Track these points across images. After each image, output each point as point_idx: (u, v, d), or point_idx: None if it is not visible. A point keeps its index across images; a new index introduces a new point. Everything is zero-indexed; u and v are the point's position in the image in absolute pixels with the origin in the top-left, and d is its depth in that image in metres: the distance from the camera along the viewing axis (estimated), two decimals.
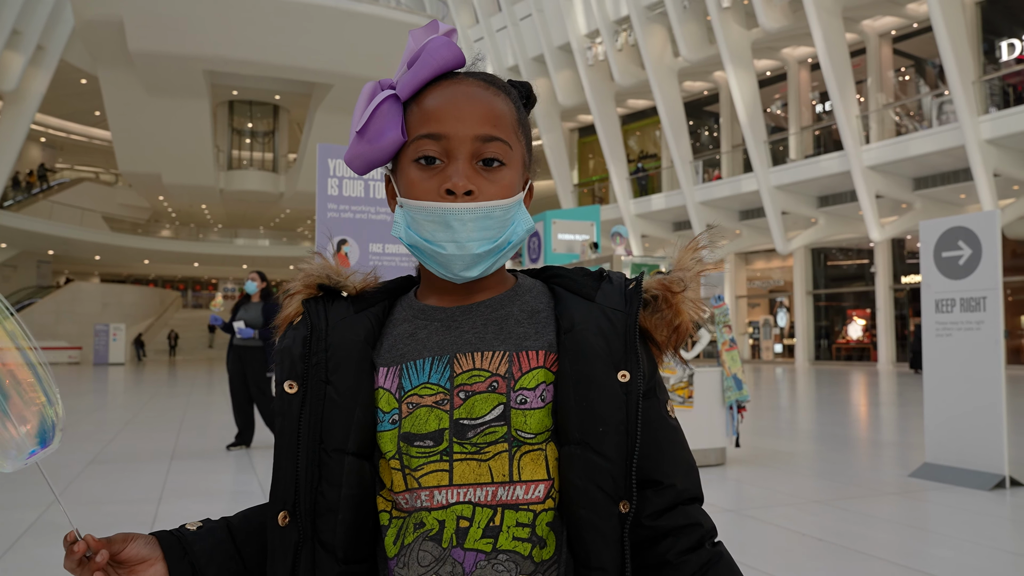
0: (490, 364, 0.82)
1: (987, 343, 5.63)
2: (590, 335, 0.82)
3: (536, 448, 0.80)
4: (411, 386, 0.83)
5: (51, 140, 39.50)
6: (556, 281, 0.90)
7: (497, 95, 0.85)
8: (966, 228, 5.86)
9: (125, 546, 0.83)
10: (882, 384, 16.41)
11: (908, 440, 7.90)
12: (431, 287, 0.89)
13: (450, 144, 0.81)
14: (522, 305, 0.87)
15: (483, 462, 0.80)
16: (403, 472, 0.81)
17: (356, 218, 3.42)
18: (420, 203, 0.81)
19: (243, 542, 0.90)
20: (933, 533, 4.43)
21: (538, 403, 0.81)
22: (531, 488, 0.80)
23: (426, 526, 0.80)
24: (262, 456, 7.00)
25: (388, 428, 0.83)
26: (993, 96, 18.63)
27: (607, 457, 0.79)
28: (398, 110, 0.84)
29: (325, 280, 0.91)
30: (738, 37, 22.09)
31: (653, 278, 0.87)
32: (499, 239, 0.82)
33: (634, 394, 0.81)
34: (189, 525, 0.90)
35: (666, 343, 0.87)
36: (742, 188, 23.04)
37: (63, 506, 0.84)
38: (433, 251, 0.81)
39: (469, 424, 0.80)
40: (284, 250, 41.30)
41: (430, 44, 0.83)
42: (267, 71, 26.50)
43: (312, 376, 0.84)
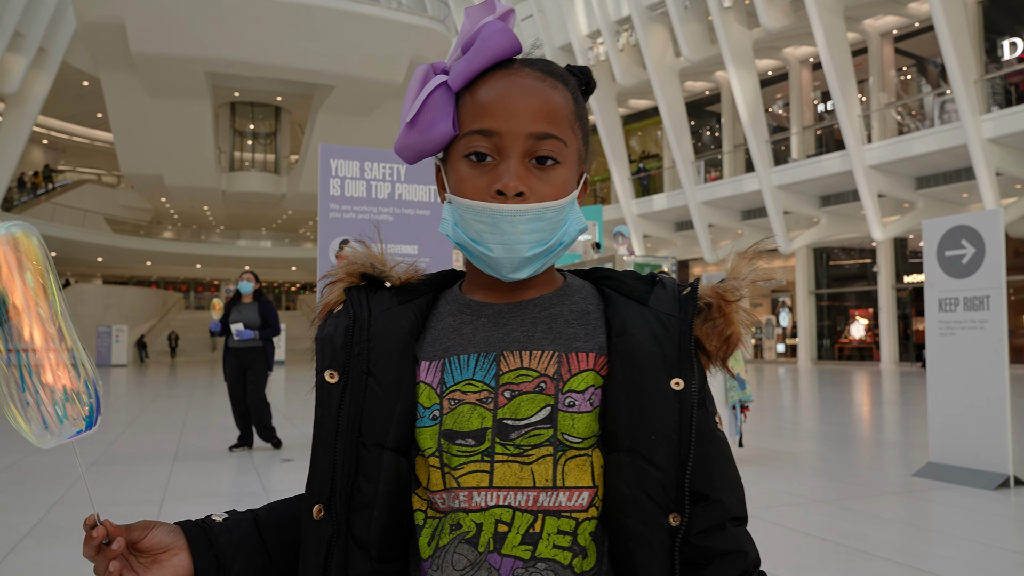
0: (538, 364, 0.80)
1: (991, 342, 5.62)
2: (643, 340, 0.79)
3: (582, 454, 0.78)
4: (453, 381, 0.81)
5: (53, 142, 39.57)
6: (606, 283, 0.87)
7: (554, 87, 0.81)
8: (969, 227, 5.84)
9: (146, 533, 0.80)
10: (885, 383, 16.38)
11: (912, 439, 7.88)
12: (478, 282, 0.86)
13: (502, 142, 0.77)
14: (572, 305, 0.85)
15: (526, 465, 0.77)
16: (442, 470, 0.79)
17: (358, 218, 3.41)
18: (469, 202, 0.78)
19: (270, 536, 0.87)
20: (937, 533, 4.41)
21: (587, 407, 0.78)
22: (575, 495, 0.77)
23: (463, 528, 0.77)
24: (264, 458, 7.00)
25: (428, 424, 0.80)
26: (995, 95, 18.61)
27: (658, 466, 0.76)
28: (450, 100, 0.80)
29: (369, 269, 0.89)
30: (739, 37, 22.08)
31: (708, 285, 0.85)
32: (550, 240, 0.79)
33: (688, 403, 0.78)
34: (215, 516, 0.87)
35: (715, 353, 0.84)
36: (744, 188, 23.02)
37: (88, 487, 0.82)
38: (480, 252, 0.78)
39: (513, 424, 0.78)
40: (286, 251, 41.36)
41: (485, 30, 0.79)
42: (268, 72, 26.52)
43: (353, 366, 0.82)
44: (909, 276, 23.19)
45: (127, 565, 0.78)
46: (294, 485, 5.74)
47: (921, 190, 20.01)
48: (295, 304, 47.35)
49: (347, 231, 3.40)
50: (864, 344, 25.31)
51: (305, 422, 9.49)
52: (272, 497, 5.27)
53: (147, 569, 0.79)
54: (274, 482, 5.88)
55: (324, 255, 3.36)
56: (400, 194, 3.48)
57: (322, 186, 3.37)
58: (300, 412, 10.76)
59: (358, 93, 27.20)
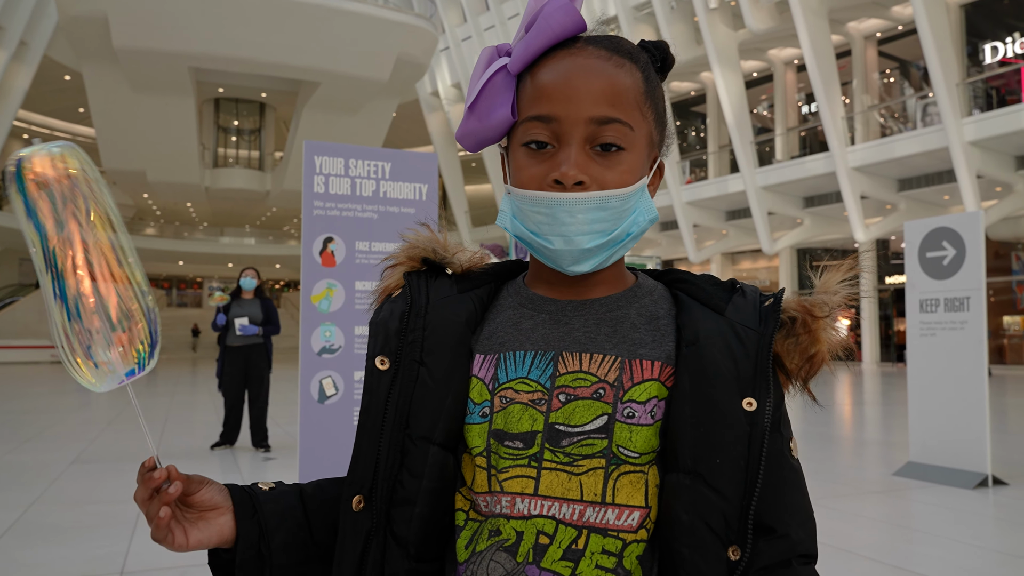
0: (599, 369, 0.74)
1: (971, 343, 5.68)
2: (716, 352, 0.73)
3: (637, 470, 0.72)
4: (507, 378, 0.76)
5: (34, 137, 39.11)
6: (680, 286, 0.81)
7: (620, 66, 0.75)
8: (950, 229, 5.90)
9: (201, 487, 0.78)
10: (866, 383, 16.53)
11: (892, 439, 7.95)
12: (541, 275, 0.81)
13: (561, 128, 0.72)
14: (640, 308, 0.79)
15: (575, 476, 0.72)
16: (488, 472, 0.74)
17: (342, 215, 3.39)
18: (526, 192, 0.73)
19: (313, 512, 0.84)
20: (917, 531, 4.46)
21: (647, 420, 0.72)
22: (625, 514, 0.71)
23: (502, 535, 0.73)
24: (247, 456, 6.95)
25: (478, 421, 0.76)
26: (977, 98, 18.81)
27: (721, 493, 0.70)
28: (510, 85, 0.76)
29: (430, 254, 0.84)
30: (725, 38, 22.19)
31: (793, 298, 0.77)
32: (614, 231, 0.73)
33: (760, 426, 0.72)
34: (262, 484, 0.84)
35: (796, 372, 0.77)
36: (729, 188, 23.14)
37: (145, 429, 0.80)
38: (540, 244, 0.74)
39: (565, 431, 0.72)
40: (270, 249, 41.13)
41: (547, 7, 0.74)
42: (253, 68, 26.33)
43: (406, 354, 0.78)
44: (891, 277, 23.41)
45: (175, 517, 0.77)
46: None
47: (903, 192, 20.20)
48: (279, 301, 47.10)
49: (331, 229, 3.38)
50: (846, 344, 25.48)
51: (289, 421, 9.44)
52: None
53: (193, 524, 0.77)
54: (255, 479, 5.83)
55: (308, 253, 3.34)
56: (385, 191, 3.46)
57: (306, 183, 3.35)
58: (282, 410, 10.70)
59: (344, 90, 27.08)
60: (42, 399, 12.87)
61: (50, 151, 0.75)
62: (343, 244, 3.38)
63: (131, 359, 0.77)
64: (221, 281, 46.91)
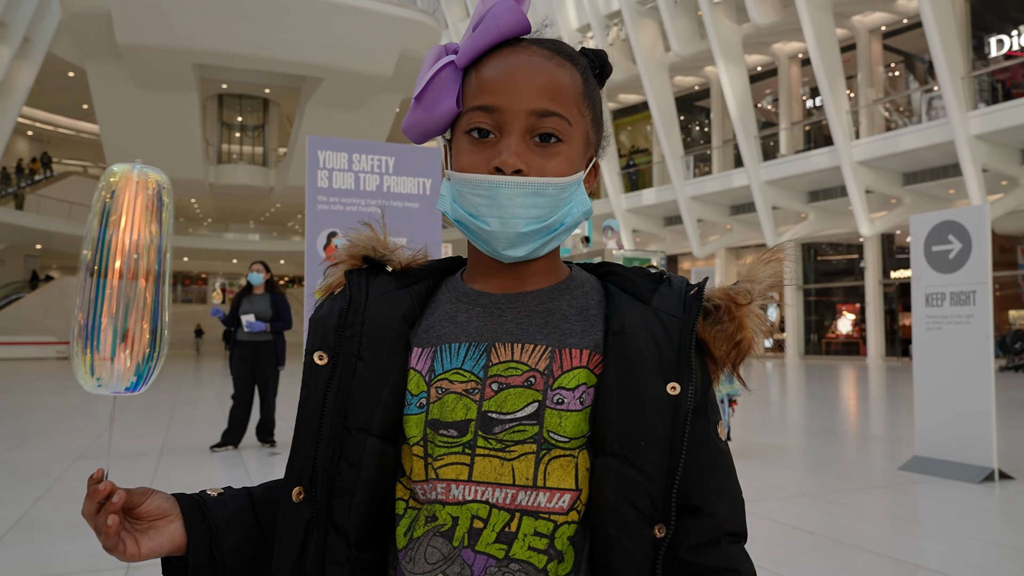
0: (530, 358, 0.77)
1: (977, 337, 5.66)
2: (641, 340, 0.76)
3: (567, 454, 0.75)
4: (442, 370, 0.79)
5: (38, 133, 39.17)
6: (611, 279, 0.84)
7: (561, 65, 0.78)
8: (956, 222, 5.87)
9: (145, 499, 0.79)
10: (871, 378, 16.49)
11: (898, 434, 7.94)
12: (479, 269, 0.84)
13: (503, 118, 0.76)
14: (572, 300, 0.82)
15: (507, 461, 0.74)
16: (425, 460, 0.77)
17: (346, 210, 3.39)
18: (467, 176, 0.76)
19: (263, 513, 0.86)
20: (922, 526, 4.45)
21: (576, 405, 0.75)
22: (555, 496, 0.74)
23: (438, 520, 0.75)
24: (252, 452, 6.96)
25: (415, 412, 0.78)
26: (982, 92, 18.71)
27: (646, 474, 0.73)
28: (456, 78, 0.79)
29: (371, 252, 0.87)
30: (729, 32, 22.10)
31: (717, 287, 0.81)
32: (549, 219, 0.76)
33: (683, 409, 0.75)
34: (210, 491, 0.86)
35: (724, 359, 0.79)
36: (733, 183, 23.08)
37: (110, 441, 0.82)
38: (477, 227, 0.77)
39: (497, 418, 0.75)
40: (274, 244, 41.16)
41: (494, 8, 0.78)
42: (257, 64, 26.32)
43: (344, 349, 0.80)
44: (896, 271, 23.34)
45: (125, 527, 0.78)
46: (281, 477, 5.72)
47: (908, 186, 20.12)
48: None
49: (335, 223, 3.37)
50: (851, 339, 25.46)
51: (292, 415, 9.45)
52: None
53: (143, 534, 0.79)
54: (262, 476, 5.85)
55: (312, 248, 3.33)
56: (388, 186, 3.46)
57: (310, 178, 3.35)
58: (287, 405, 10.72)
59: (347, 86, 27.06)
60: (47, 395, 12.91)
61: (143, 171, 0.82)
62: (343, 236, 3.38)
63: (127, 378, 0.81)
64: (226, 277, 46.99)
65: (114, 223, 0.79)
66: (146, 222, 0.81)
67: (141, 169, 0.81)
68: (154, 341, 0.81)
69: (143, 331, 0.80)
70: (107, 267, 0.79)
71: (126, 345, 0.79)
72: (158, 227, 0.81)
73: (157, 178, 0.81)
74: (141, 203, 0.80)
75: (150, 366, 0.82)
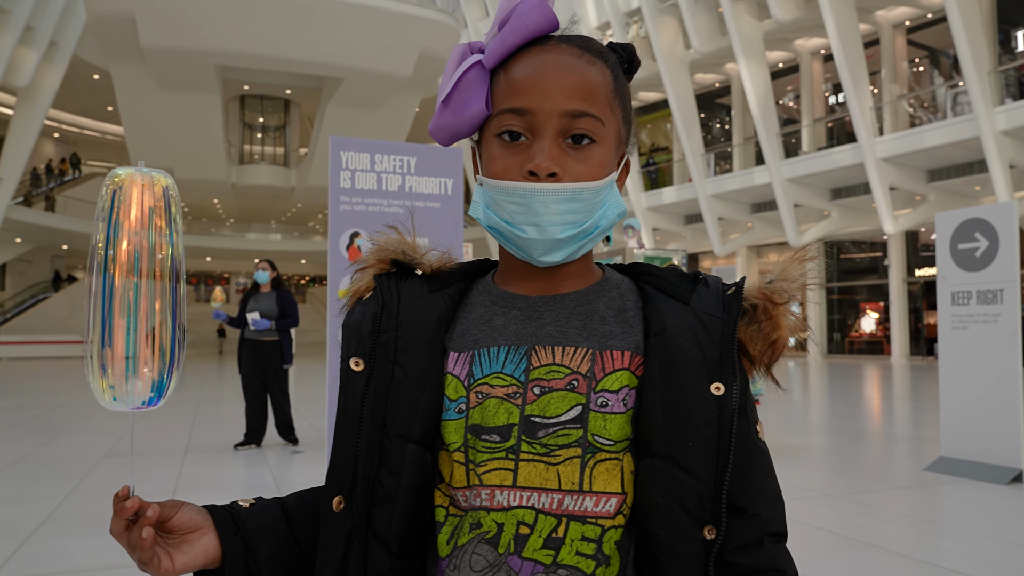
0: (571, 361, 0.76)
1: (1004, 336, 5.58)
2: (683, 341, 0.75)
3: (612, 457, 0.74)
4: (482, 374, 0.78)
5: (64, 135, 39.74)
6: (646, 279, 0.84)
7: (592, 63, 0.77)
8: (983, 220, 5.80)
9: (176, 511, 0.78)
10: (896, 377, 16.30)
11: (923, 434, 7.85)
12: (512, 272, 0.83)
13: (535, 120, 0.74)
14: (609, 301, 0.81)
15: (552, 466, 0.73)
16: (466, 467, 0.76)
17: (368, 211, 3.41)
18: (500, 182, 0.75)
19: (297, 523, 0.85)
20: (948, 527, 4.40)
21: (620, 408, 0.74)
22: (602, 501, 0.74)
23: (483, 527, 0.74)
24: (275, 450, 7.02)
25: (454, 417, 0.77)
26: (1008, 87, 18.43)
27: (694, 475, 0.72)
28: (484, 79, 0.77)
29: (400, 256, 0.86)
30: (750, 28, 21.93)
31: (754, 286, 0.80)
32: (585, 223, 0.75)
33: (728, 409, 0.74)
34: (241, 502, 0.85)
35: (759, 358, 0.79)
36: (754, 181, 22.91)
37: (132, 457, 0.81)
38: (513, 234, 0.75)
39: (541, 422, 0.74)
40: (296, 244, 41.44)
41: (521, 5, 0.76)
42: (278, 66, 26.51)
43: (380, 355, 0.79)
44: (920, 269, 23.05)
45: (157, 541, 0.77)
46: (305, 477, 5.77)
47: (933, 183, 19.87)
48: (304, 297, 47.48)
49: (358, 224, 3.39)
50: (875, 338, 25.19)
51: (316, 415, 9.52)
52: (284, 489, 5.29)
53: (176, 548, 0.77)
54: (285, 474, 5.91)
55: (335, 248, 3.36)
56: (410, 186, 3.47)
57: (332, 179, 3.37)
58: (310, 405, 10.80)
59: (367, 86, 27.18)
60: (73, 393, 13.10)
61: (150, 175, 0.79)
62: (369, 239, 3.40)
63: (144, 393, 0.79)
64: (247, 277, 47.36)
65: (121, 226, 0.77)
66: (154, 224, 0.78)
67: (145, 171, 0.79)
68: (171, 351, 0.79)
69: (158, 343, 0.78)
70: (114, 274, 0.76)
71: (141, 359, 0.77)
72: (168, 230, 0.79)
73: (163, 181, 0.80)
74: (148, 204, 0.78)
75: (167, 379, 0.79)
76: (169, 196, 0.80)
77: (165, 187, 0.80)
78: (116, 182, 0.78)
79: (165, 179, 0.80)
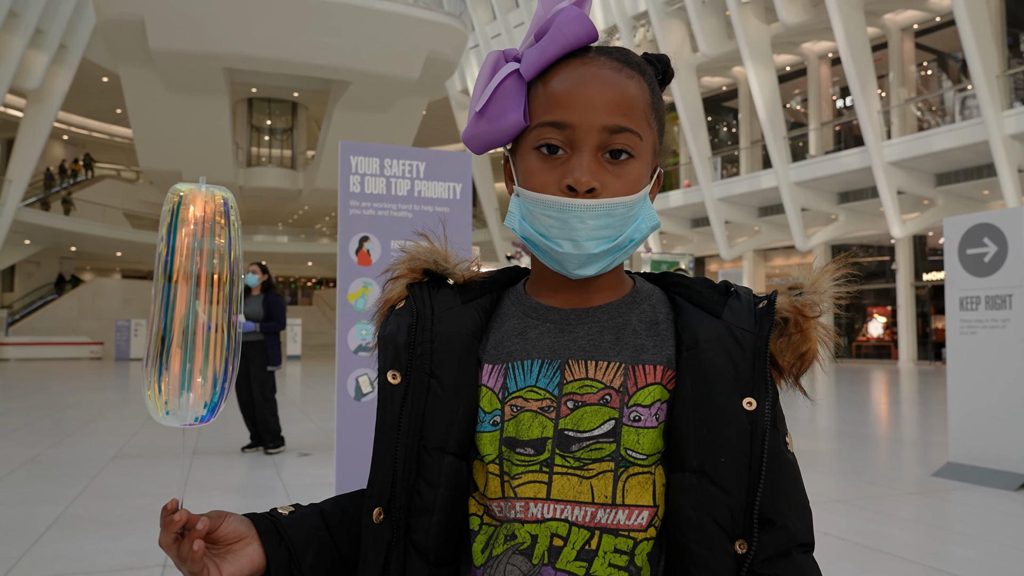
0: (604, 375, 0.77)
1: (1013, 341, 5.56)
2: (716, 355, 0.76)
3: (645, 471, 0.75)
4: (516, 388, 0.78)
5: (73, 138, 39.94)
6: (677, 290, 0.84)
7: (631, 77, 0.77)
8: (992, 225, 5.78)
9: (220, 522, 0.78)
10: (903, 382, 16.24)
11: (931, 439, 7.82)
12: (544, 283, 0.83)
13: (575, 134, 0.74)
14: (640, 314, 0.81)
15: (585, 479, 0.74)
16: (501, 478, 0.77)
17: (378, 215, 3.42)
18: (538, 196, 0.75)
19: (336, 529, 0.86)
20: (957, 533, 4.38)
21: (652, 422, 0.75)
22: (634, 514, 0.75)
23: (517, 539, 0.75)
24: (282, 455, 7.04)
25: (489, 429, 0.78)
26: (1018, 91, 18.36)
27: (726, 490, 0.73)
28: (522, 90, 0.77)
29: (432, 265, 0.86)
30: (757, 32, 21.92)
31: (785, 299, 0.80)
32: (619, 237, 0.76)
33: (760, 424, 0.75)
34: (281, 509, 0.85)
35: (788, 370, 0.79)
36: (761, 184, 22.87)
37: (184, 472, 0.82)
38: (548, 247, 0.76)
39: (574, 436, 0.75)
40: (302, 247, 41.55)
41: (560, 16, 0.75)
42: (285, 68, 26.60)
43: (416, 367, 0.80)
44: (928, 274, 22.97)
45: (206, 553, 0.77)
46: (312, 480, 5.78)
47: (941, 187, 19.80)
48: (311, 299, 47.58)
49: (367, 228, 3.41)
50: (882, 342, 25.11)
51: (323, 417, 9.55)
52: (291, 492, 5.31)
53: (222, 559, 0.78)
54: (292, 477, 5.92)
55: (344, 252, 3.37)
56: (419, 191, 3.49)
57: (342, 183, 3.39)
58: (317, 407, 10.82)
59: (374, 89, 27.24)
60: (82, 395, 13.16)
61: (211, 192, 0.79)
62: (378, 243, 3.41)
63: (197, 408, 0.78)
64: None
65: (183, 240, 0.77)
66: (215, 240, 0.78)
67: (208, 188, 0.80)
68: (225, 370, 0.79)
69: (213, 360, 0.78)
70: (176, 289, 0.77)
71: (197, 374, 0.77)
72: (228, 245, 0.79)
73: (223, 195, 0.80)
74: (210, 217, 0.78)
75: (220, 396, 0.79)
76: (228, 207, 0.80)
77: (225, 199, 0.80)
78: (179, 198, 0.79)
79: (224, 192, 0.81)
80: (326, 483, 5.58)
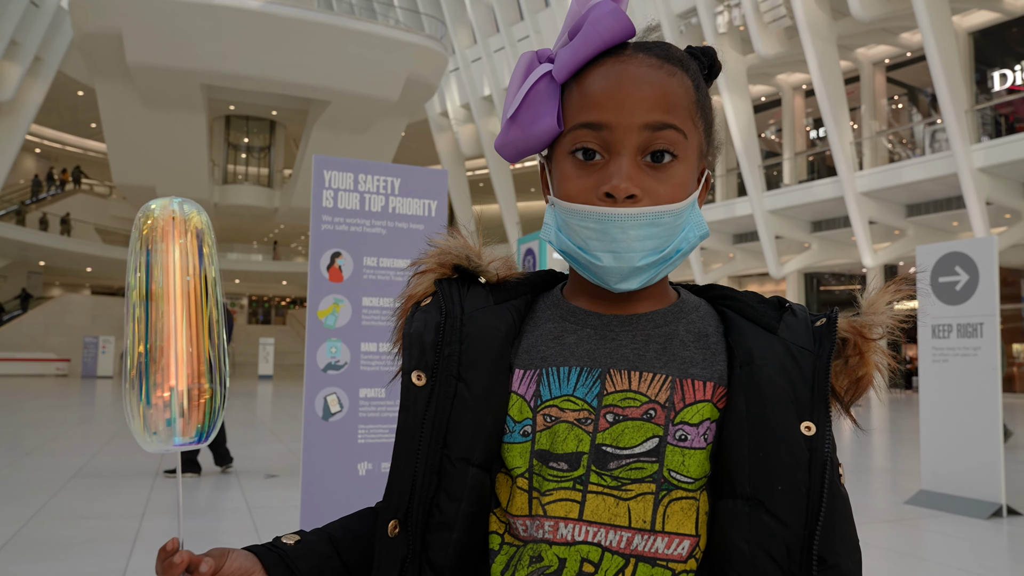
0: (648, 388, 0.70)
1: (984, 369, 5.60)
2: (773, 373, 0.69)
3: (689, 496, 0.69)
4: (550, 396, 0.72)
5: (46, 151, 39.44)
6: (726, 303, 0.77)
7: (672, 74, 0.71)
8: (963, 254, 5.84)
9: (224, 560, 0.73)
10: (875, 410, 16.37)
11: (903, 467, 7.84)
12: (583, 288, 0.77)
13: (612, 136, 0.68)
14: (688, 325, 0.75)
15: (623, 501, 0.68)
16: (530, 494, 0.70)
17: (350, 231, 3.36)
18: (574, 205, 0.69)
19: (350, 558, 0.80)
20: (929, 562, 4.36)
21: (700, 443, 0.68)
22: (675, 543, 0.68)
23: (544, 561, 0.68)
24: (247, 474, 6.88)
25: (519, 440, 0.71)
26: (985, 125, 18.79)
27: (783, 521, 0.66)
28: (555, 93, 0.72)
29: (464, 262, 0.79)
30: (734, 63, 22.27)
31: (845, 318, 0.74)
32: (666, 248, 0.70)
33: (819, 451, 0.68)
34: (285, 539, 0.79)
35: (842, 395, 0.73)
36: (736, 212, 23.13)
37: (180, 509, 0.77)
38: (587, 260, 0.70)
39: (613, 453, 0.69)
40: (277, 266, 41.23)
41: (594, 12, 0.70)
42: (264, 87, 26.55)
43: (443, 369, 0.73)
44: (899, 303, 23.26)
45: None
46: (278, 502, 5.65)
47: (912, 217, 20.15)
48: (284, 319, 47.12)
49: (339, 244, 3.35)
50: None
51: (292, 438, 9.38)
52: (255, 514, 5.17)
53: None
54: (258, 498, 5.78)
55: (316, 268, 3.31)
56: (394, 207, 3.44)
57: (315, 197, 3.33)
58: (287, 428, 10.64)
59: (353, 109, 27.25)
60: (45, 412, 12.83)
61: (182, 208, 0.76)
62: (351, 259, 3.35)
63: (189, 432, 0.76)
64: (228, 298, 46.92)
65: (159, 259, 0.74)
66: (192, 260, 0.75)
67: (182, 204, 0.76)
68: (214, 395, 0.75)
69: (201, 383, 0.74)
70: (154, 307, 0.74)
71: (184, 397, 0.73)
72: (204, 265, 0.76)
73: (197, 213, 0.77)
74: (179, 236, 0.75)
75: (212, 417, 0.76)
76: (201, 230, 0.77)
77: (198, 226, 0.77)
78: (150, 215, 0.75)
79: (198, 211, 0.77)
80: (291, 505, 5.45)
